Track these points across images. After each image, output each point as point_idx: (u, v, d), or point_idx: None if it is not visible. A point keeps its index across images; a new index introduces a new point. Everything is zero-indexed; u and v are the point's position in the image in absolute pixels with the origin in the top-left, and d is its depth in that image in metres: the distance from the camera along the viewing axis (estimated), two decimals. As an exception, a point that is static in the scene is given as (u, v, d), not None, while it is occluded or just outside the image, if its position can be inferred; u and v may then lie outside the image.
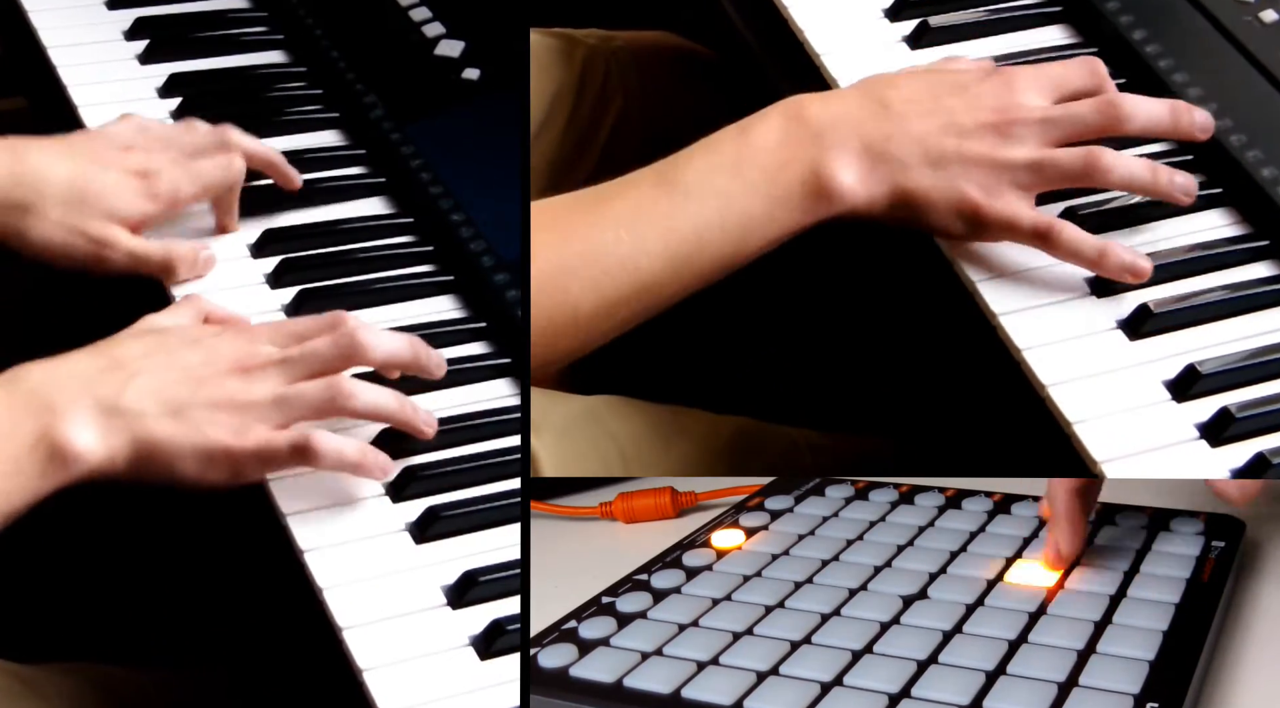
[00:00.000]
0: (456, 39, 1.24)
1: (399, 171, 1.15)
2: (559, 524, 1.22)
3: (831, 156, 0.94)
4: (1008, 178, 0.95)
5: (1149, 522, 1.08)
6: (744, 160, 0.94)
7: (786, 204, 0.94)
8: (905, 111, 0.95)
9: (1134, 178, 0.98)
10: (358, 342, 0.95)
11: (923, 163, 0.94)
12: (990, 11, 1.14)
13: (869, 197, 0.95)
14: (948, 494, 1.16)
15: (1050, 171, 0.96)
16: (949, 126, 0.95)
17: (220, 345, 0.95)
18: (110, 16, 1.27)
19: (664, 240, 0.93)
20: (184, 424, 0.91)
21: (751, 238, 0.95)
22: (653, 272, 0.93)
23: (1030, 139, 0.96)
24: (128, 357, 0.94)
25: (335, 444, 0.93)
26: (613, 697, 0.84)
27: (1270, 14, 1.09)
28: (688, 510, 1.23)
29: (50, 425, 0.89)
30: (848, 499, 1.16)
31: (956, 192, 0.95)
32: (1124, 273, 0.96)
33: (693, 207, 0.93)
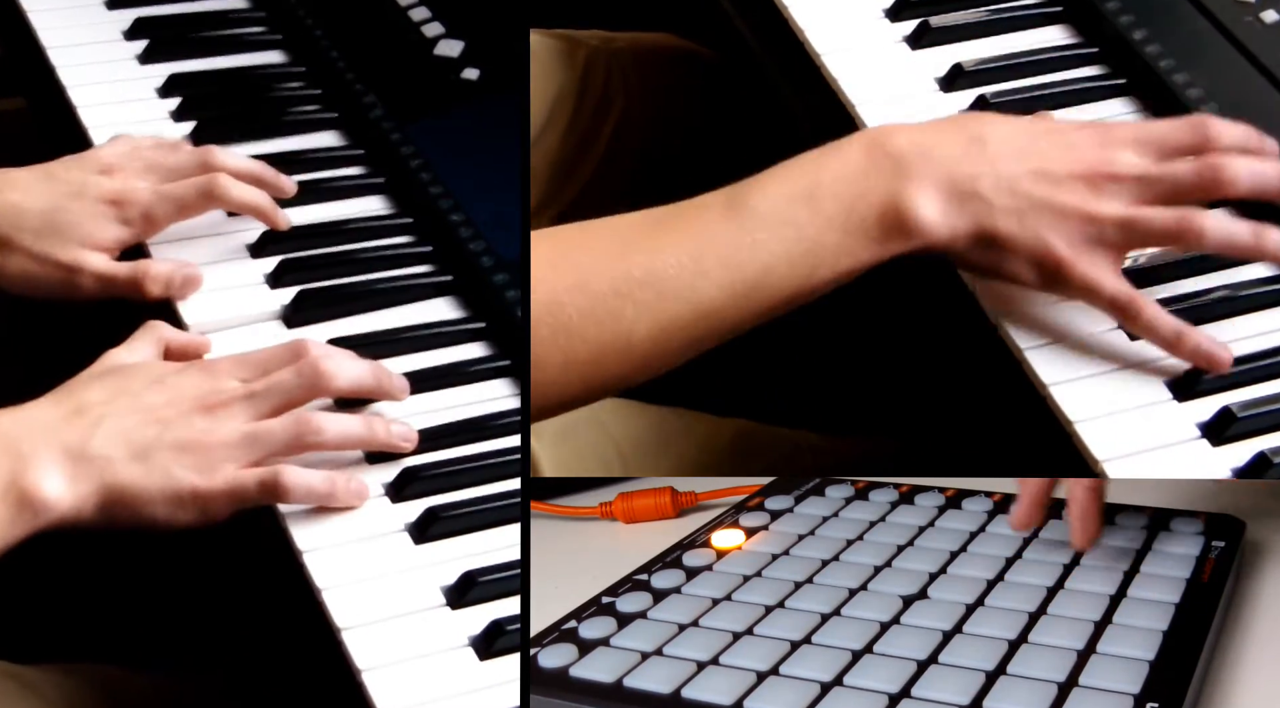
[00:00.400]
0: (456, 39, 1.24)
1: (399, 172, 1.15)
2: (559, 524, 1.22)
3: (914, 189, 0.90)
4: (1095, 233, 0.91)
5: (1149, 522, 1.08)
6: (820, 188, 0.89)
7: (861, 237, 0.90)
8: (998, 151, 0.91)
9: (1234, 241, 0.93)
10: (321, 371, 0.95)
11: (1010, 207, 0.90)
12: (991, 11, 1.14)
13: (950, 234, 0.90)
14: (948, 494, 1.16)
15: (1141, 230, 0.91)
16: (1041, 173, 0.91)
17: (183, 384, 0.94)
18: (110, 16, 1.27)
19: (728, 270, 0.88)
20: (152, 468, 0.91)
21: (820, 271, 0.90)
22: (714, 301, 0.89)
23: (1123, 195, 0.91)
24: (91, 402, 0.93)
25: (303, 480, 0.92)
26: (613, 697, 0.84)
27: (1270, 14, 1.09)
28: (688, 510, 1.23)
29: (19, 472, 0.89)
30: (848, 499, 1.16)
31: (1042, 242, 0.90)
32: (1200, 359, 0.92)
33: (761, 236, 0.88)
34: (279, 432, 0.93)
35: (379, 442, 0.96)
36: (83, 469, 0.90)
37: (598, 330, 0.88)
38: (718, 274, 0.88)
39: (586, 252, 0.89)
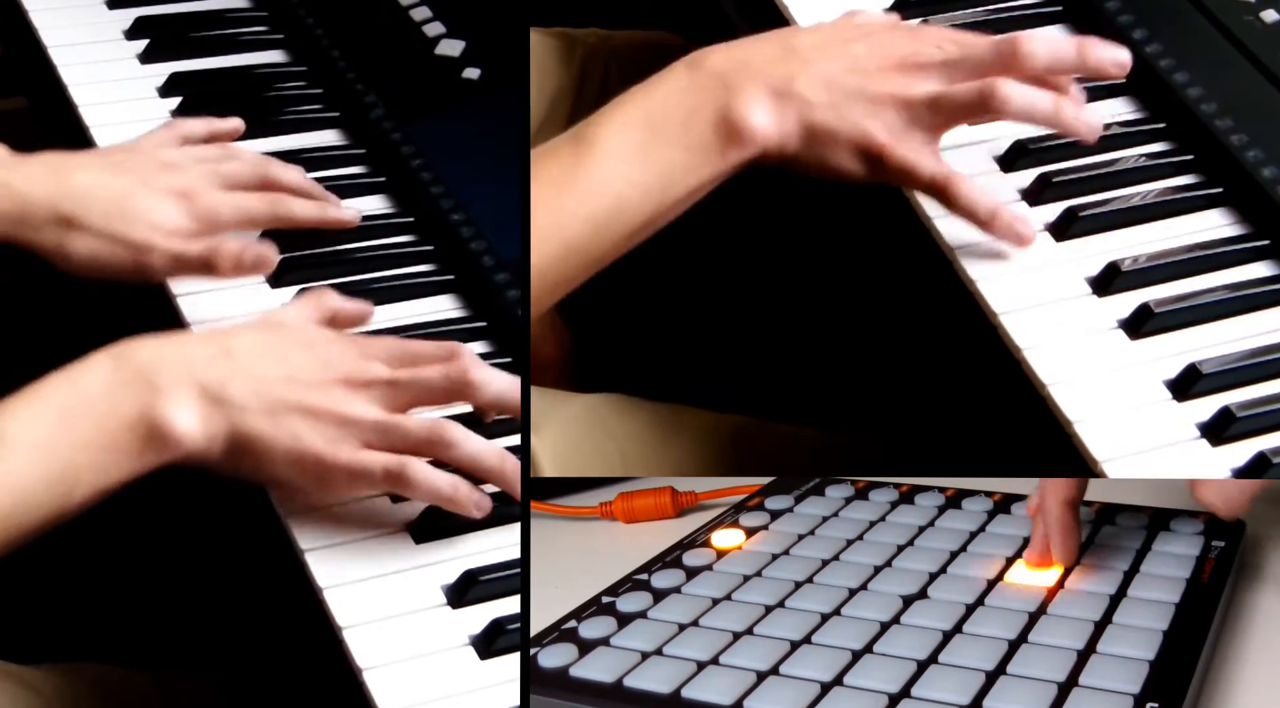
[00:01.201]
0: (457, 38, 1.24)
1: (399, 171, 1.15)
2: (559, 524, 1.22)
3: (742, 98, 0.94)
4: (911, 118, 0.95)
5: (1149, 522, 1.08)
6: (654, 113, 0.94)
7: (703, 151, 0.94)
8: (811, 55, 0.96)
9: (1034, 107, 0.97)
10: (470, 380, 0.94)
11: (828, 101, 0.95)
12: (989, 11, 1.14)
13: (781, 135, 0.95)
14: (948, 494, 1.16)
15: (949, 106, 0.96)
16: (853, 68, 0.95)
17: (332, 354, 0.94)
18: (110, 16, 1.27)
19: (587, 203, 0.93)
20: (280, 426, 0.90)
21: (672, 191, 0.94)
22: (580, 235, 0.93)
23: (932, 78, 0.96)
24: (239, 348, 0.93)
25: (429, 478, 0.92)
26: (613, 697, 0.84)
27: (1270, 14, 1.09)
28: (688, 510, 1.23)
29: (153, 404, 0.89)
30: (848, 499, 1.16)
31: (860, 130, 0.95)
32: (1010, 235, 0.97)
33: (610, 165, 0.93)
34: (413, 431, 0.92)
35: (505, 477, 0.94)
36: (217, 410, 0.90)
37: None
38: (577, 208, 0.93)
39: None
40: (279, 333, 0.95)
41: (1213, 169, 1.03)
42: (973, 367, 1.00)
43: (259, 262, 1.05)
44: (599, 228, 0.93)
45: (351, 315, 1.01)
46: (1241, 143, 1.02)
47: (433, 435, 0.92)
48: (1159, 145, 1.05)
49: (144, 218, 1.03)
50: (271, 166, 1.10)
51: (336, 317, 1.00)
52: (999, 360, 0.95)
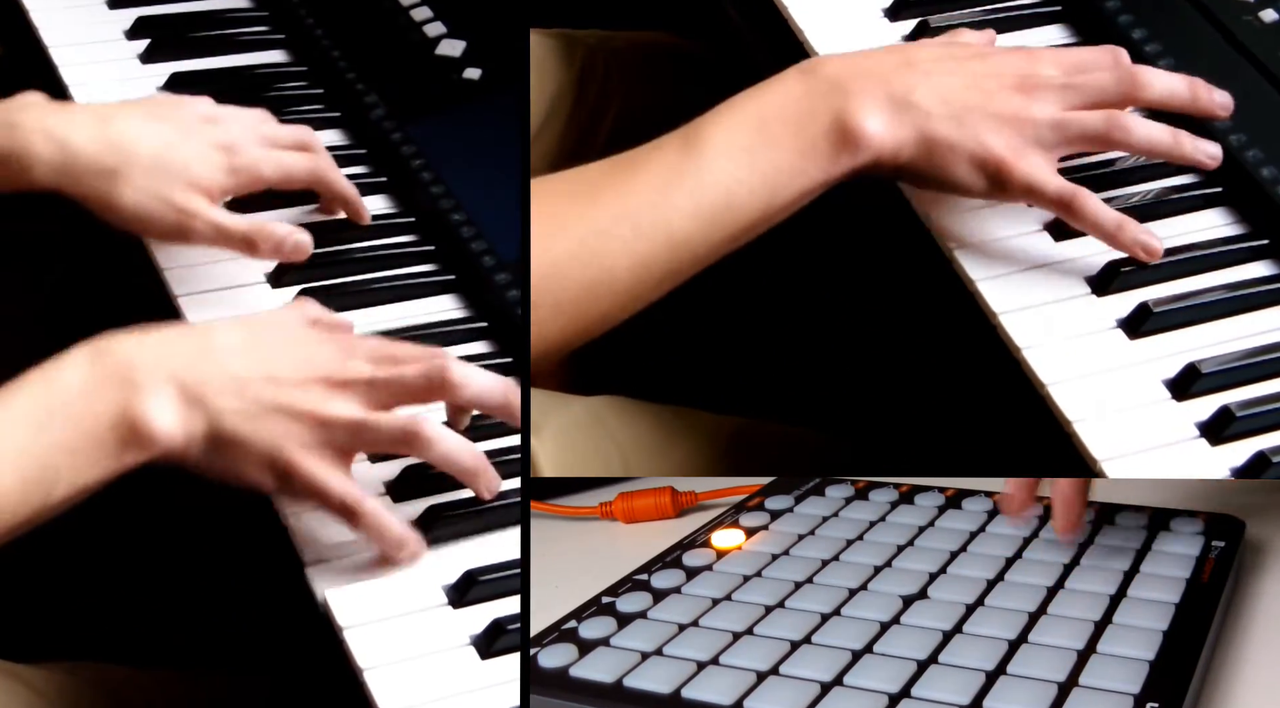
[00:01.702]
0: (457, 39, 1.24)
1: (400, 171, 1.15)
2: (559, 524, 1.22)
3: (857, 104, 0.94)
4: (1031, 135, 0.96)
5: (1149, 522, 1.08)
6: (767, 116, 0.94)
7: (813, 155, 0.94)
8: (928, 68, 0.96)
9: (1155, 141, 0.99)
10: (449, 379, 0.93)
11: (947, 113, 0.95)
12: (989, 11, 1.14)
13: (895, 143, 0.95)
14: (948, 494, 1.16)
15: (1073, 130, 0.96)
16: (972, 85, 0.96)
17: (313, 352, 0.94)
18: (111, 16, 1.27)
19: (694, 199, 0.93)
20: (259, 425, 0.90)
21: (781, 192, 0.94)
22: (685, 231, 0.93)
23: (1052, 100, 0.97)
24: (219, 345, 0.92)
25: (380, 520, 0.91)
26: (613, 697, 0.84)
27: (1270, 14, 1.09)
28: (688, 510, 1.23)
29: (132, 402, 0.89)
30: (848, 499, 1.16)
31: (982, 145, 0.95)
32: (1137, 248, 0.97)
33: (720, 163, 0.93)
34: (388, 429, 0.92)
35: (476, 477, 0.94)
36: (195, 408, 0.90)
37: (583, 271, 0.92)
38: (685, 204, 0.93)
39: (561, 198, 0.94)
40: (261, 330, 0.95)
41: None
42: (973, 367, 1.00)
43: (298, 248, 1.06)
44: (706, 224, 0.94)
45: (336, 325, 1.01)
46: (1241, 143, 1.02)
47: (409, 433, 0.92)
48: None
49: (186, 173, 1.03)
50: (311, 135, 1.10)
51: (319, 325, 1.00)
52: (999, 360, 0.95)
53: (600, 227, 0.92)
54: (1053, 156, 0.97)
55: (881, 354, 1.29)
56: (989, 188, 0.96)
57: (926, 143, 0.95)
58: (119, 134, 1.03)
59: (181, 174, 1.03)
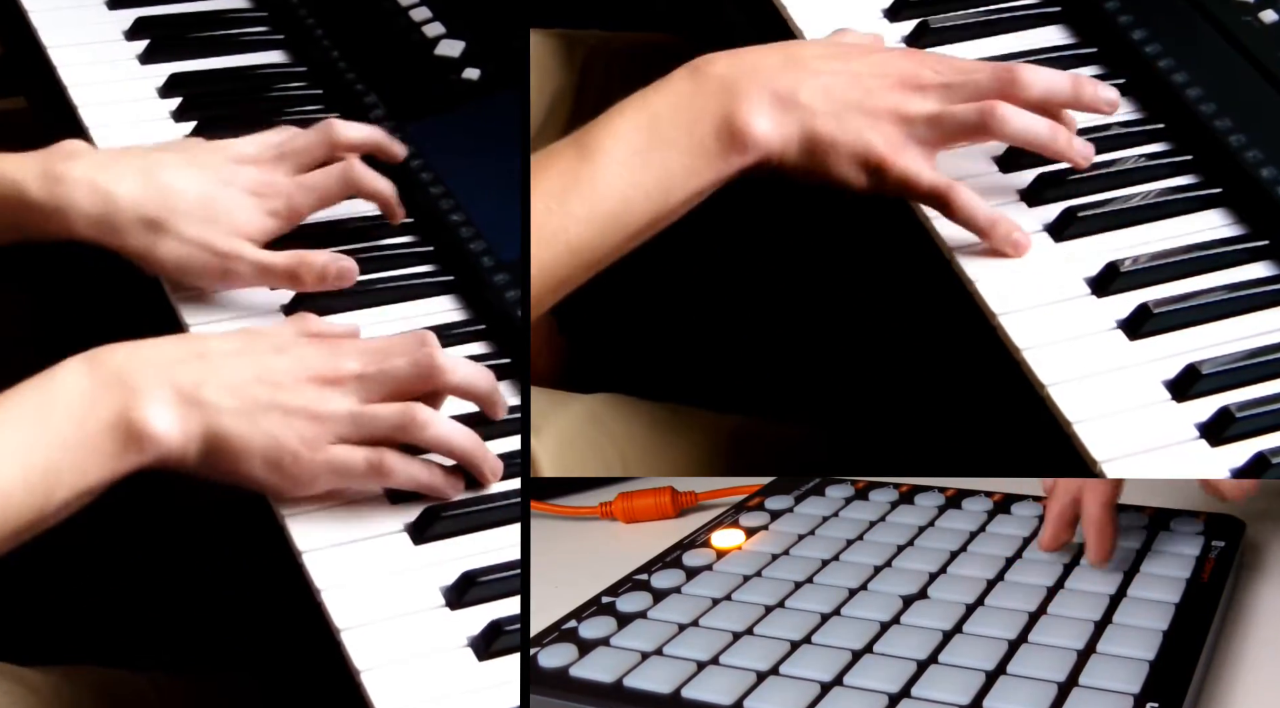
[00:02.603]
0: (457, 39, 1.24)
1: (399, 172, 1.14)
2: (559, 524, 1.22)
3: (744, 104, 0.96)
4: (910, 132, 0.97)
5: (1149, 522, 1.08)
6: (658, 118, 0.96)
7: (704, 155, 0.96)
8: (815, 66, 0.98)
9: (1031, 131, 1.00)
10: (438, 364, 0.95)
11: (830, 111, 0.97)
12: (989, 11, 1.14)
13: (782, 142, 0.96)
14: (948, 494, 1.16)
15: (949, 124, 0.98)
16: (855, 81, 0.97)
17: (304, 354, 0.95)
18: (110, 16, 1.27)
19: (589, 206, 0.95)
20: (257, 425, 0.91)
21: (674, 193, 0.96)
22: (582, 237, 0.95)
23: (931, 97, 0.98)
24: (213, 350, 0.93)
25: (407, 467, 0.93)
26: (613, 697, 0.84)
27: (1270, 14, 1.09)
28: (688, 510, 1.23)
29: (130, 406, 0.89)
30: (848, 499, 1.16)
31: (862, 142, 0.97)
32: (1008, 245, 0.98)
33: (614, 170, 0.95)
34: (384, 417, 0.93)
35: (474, 459, 0.95)
36: (193, 411, 0.90)
37: None
38: (581, 212, 0.95)
39: None
40: (251, 337, 0.96)
41: (1212, 169, 1.03)
42: (972, 367, 1.00)
43: (342, 275, 1.06)
44: (602, 229, 0.95)
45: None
46: (1241, 143, 1.02)
47: (405, 418, 0.93)
48: (1158, 145, 1.05)
49: (228, 222, 1.04)
50: (335, 129, 1.10)
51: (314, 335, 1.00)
52: (999, 361, 0.95)
53: None
54: (931, 152, 0.98)
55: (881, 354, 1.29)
56: (869, 183, 0.98)
57: (810, 140, 0.97)
58: (164, 187, 1.04)
59: (225, 223, 1.04)
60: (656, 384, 1.19)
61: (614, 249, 0.96)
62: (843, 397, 1.31)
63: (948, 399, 1.12)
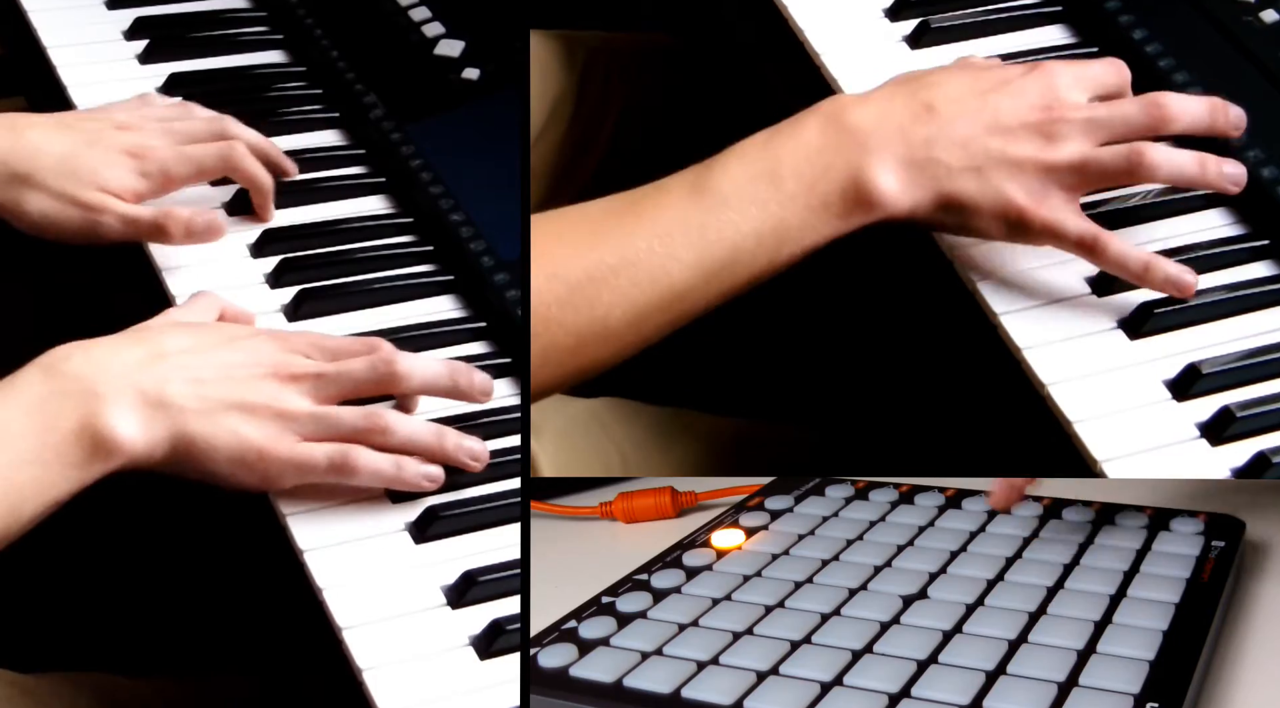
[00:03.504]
0: (456, 39, 1.24)
1: (399, 171, 1.15)
2: (559, 524, 1.22)
3: (873, 162, 0.92)
4: (1053, 181, 0.94)
5: (1149, 522, 1.08)
6: (781, 167, 0.92)
7: (825, 213, 0.92)
8: (949, 113, 0.94)
9: (1182, 172, 0.96)
10: (396, 370, 0.95)
11: (966, 167, 0.93)
12: (990, 11, 1.14)
13: (912, 203, 0.93)
14: (948, 494, 1.16)
15: (1094, 171, 0.94)
16: (993, 127, 0.93)
17: (258, 348, 0.95)
18: (110, 16, 1.27)
19: (697, 251, 0.91)
20: (221, 424, 0.91)
21: (787, 248, 0.92)
22: (686, 281, 0.91)
23: (1075, 138, 0.94)
24: (171, 348, 0.93)
25: (373, 460, 0.93)
26: (613, 697, 0.84)
27: (1270, 14, 1.09)
28: (688, 510, 1.23)
29: (93, 413, 0.89)
30: (848, 499, 1.16)
31: (1002, 197, 0.93)
32: (1169, 286, 0.95)
33: (728, 216, 0.91)
34: (347, 419, 0.93)
35: (447, 453, 0.95)
36: (157, 414, 0.90)
37: (575, 318, 0.90)
38: (687, 255, 0.91)
39: (559, 241, 0.91)
40: (202, 330, 0.96)
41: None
42: (973, 367, 1.00)
43: (209, 228, 1.06)
44: (709, 278, 0.91)
45: (237, 316, 1.02)
46: (1241, 143, 1.02)
47: (369, 423, 0.93)
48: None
49: (95, 176, 1.05)
50: (229, 122, 1.11)
51: (226, 316, 1.01)
52: (999, 361, 0.95)
53: (597, 274, 0.90)
54: (1075, 196, 0.95)
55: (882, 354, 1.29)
56: (1009, 234, 0.95)
57: (945, 200, 0.93)
58: (29, 143, 1.05)
59: (89, 178, 1.05)
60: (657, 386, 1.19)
61: (717, 297, 0.93)
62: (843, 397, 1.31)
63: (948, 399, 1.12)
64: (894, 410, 1.25)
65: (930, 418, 1.19)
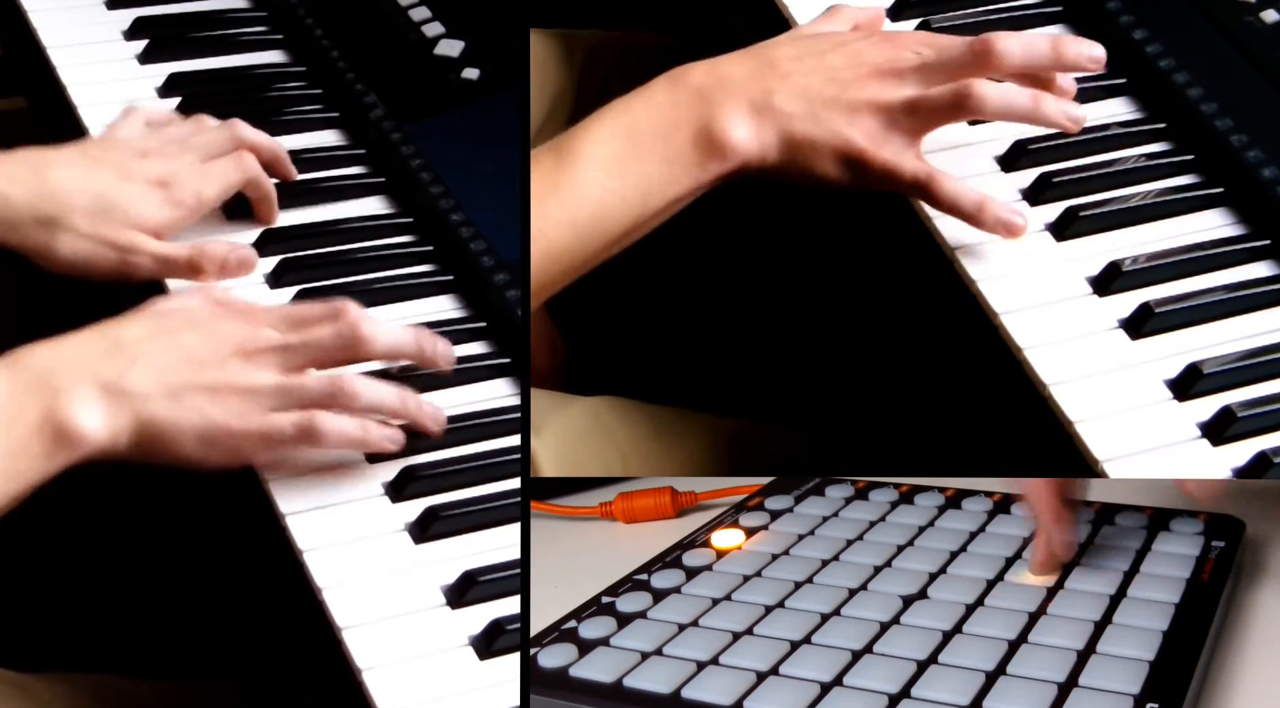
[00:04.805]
0: (456, 39, 1.24)
1: (399, 171, 1.15)
2: (559, 524, 1.22)
3: (721, 112, 0.96)
4: (887, 119, 0.96)
5: (1149, 522, 1.08)
6: (636, 126, 0.96)
7: (683, 164, 0.96)
8: (790, 68, 0.97)
9: (1012, 106, 0.98)
10: (360, 335, 0.95)
11: (808, 112, 0.96)
12: (990, 11, 1.14)
13: (760, 148, 0.96)
14: (948, 494, 1.16)
15: (927, 108, 0.97)
16: (831, 78, 0.97)
17: (221, 328, 0.95)
18: (110, 16, 1.27)
19: (568, 210, 0.95)
20: (186, 407, 0.91)
21: (652, 201, 0.96)
22: (561, 241, 0.95)
23: (910, 83, 0.97)
24: (129, 338, 0.93)
25: (338, 425, 0.94)
26: (613, 697, 0.84)
27: (1270, 14, 1.09)
28: (688, 510, 1.23)
29: (54, 407, 0.89)
30: (848, 499, 1.16)
31: (841, 138, 0.96)
32: (999, 227, 0.97)
33: (591, 175, 0.95)
34: (313, 388, 0.94)
35: (409, 415, 0.96)
36: (119, 403, 0.90)
37: None
38: (560, 215, 0.95)
39: None
40: (165, 318, 0.96)
41: (1213, 169, 1.03)
42: (973, 367, 1.00)
43: (242, 263, 1.07)
44: (580, 235, 0.95)
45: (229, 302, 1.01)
46: (1241, 143, 1.02)
47: (334, 389, 0.94)
48: (1159, 145, 1.05)
49: (127, 215, 1.04)
50: (240, 128, 1.11)
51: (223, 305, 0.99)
52: (999, 360, 0.95)
53: None
54: (914, 140, 0.97)
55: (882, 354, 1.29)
56: (852, 178, 0.97)
57: (789, 143, 0.96)
58: (56, 184, 1.04)
59: (122, 217, 1.04)
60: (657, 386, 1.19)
61: (592, 255, 0.96)
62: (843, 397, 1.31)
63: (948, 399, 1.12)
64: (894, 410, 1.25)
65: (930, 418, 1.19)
